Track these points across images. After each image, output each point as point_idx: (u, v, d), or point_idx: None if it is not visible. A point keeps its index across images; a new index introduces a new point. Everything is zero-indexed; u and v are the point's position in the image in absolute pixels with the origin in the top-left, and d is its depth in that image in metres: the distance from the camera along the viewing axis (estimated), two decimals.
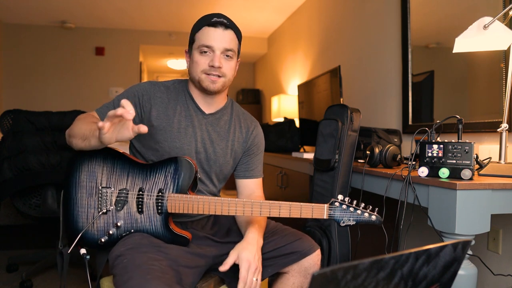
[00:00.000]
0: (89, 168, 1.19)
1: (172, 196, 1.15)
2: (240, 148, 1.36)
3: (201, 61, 1.22)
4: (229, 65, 1.24)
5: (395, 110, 2.38)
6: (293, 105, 4.10)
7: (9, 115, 2.28)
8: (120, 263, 1.04)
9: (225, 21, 1.21)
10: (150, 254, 1.06)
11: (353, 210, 1.13)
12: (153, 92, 1.26)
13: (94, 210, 1.17)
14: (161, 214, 1.16)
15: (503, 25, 1.29)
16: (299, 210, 1.13)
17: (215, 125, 1.32)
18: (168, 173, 1.17)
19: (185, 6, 4.30)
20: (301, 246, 1.25)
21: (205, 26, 1.21)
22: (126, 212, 1.17)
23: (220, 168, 1.33)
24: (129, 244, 1.10)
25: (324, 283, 0.52)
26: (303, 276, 1.25)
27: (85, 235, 1.18)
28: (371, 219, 1.13)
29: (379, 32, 2.57)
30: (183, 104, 1.29)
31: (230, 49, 1.22)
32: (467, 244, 0.69)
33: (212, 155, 1.30)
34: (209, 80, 1.22)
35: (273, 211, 1.14)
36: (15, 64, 4.93)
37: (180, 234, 1.18)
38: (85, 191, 1.18)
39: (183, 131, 1.26)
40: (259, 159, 1.42)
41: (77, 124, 1.17)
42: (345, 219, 1.13)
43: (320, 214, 1.13)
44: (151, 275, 0.97)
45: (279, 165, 2.84)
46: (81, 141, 1.12)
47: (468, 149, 1.16)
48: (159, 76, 7.73)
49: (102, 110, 1.25)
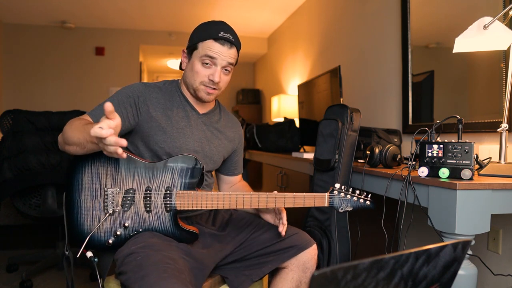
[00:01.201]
0: (92, 170, 1.18)
1: (181, 193, 1.17)
2: (229, 146, 1.42)
3: (201, 72, 1.24)
4: (226, 79, 1.29)
5: (395, 110, 2.38)
6: (293, 105, 4.10)
7: (9, 115, 2.29)
8: (133, 261, 1.04)
9: (231, 38, 1.23)
10: (164, 253, 1.07)
11: (350, 197, 1.25)
12: (148, 93, 1.27)
13: (99, 212, 1.17)
14: (170, 212, 1.18)
15: (503, 25, 1.29)
16: (302, 200, 1.22)
17: (208, 124, 1.36)
18: (175, 171, 1.18)
19: (185, 6, 4.30)
20: (299, 240, 1.30)
21: (211, 39, 1.22)
22: (134, 212, 1.17)
23: (214, 164, 1.38)
24: (140, 242, 1.11)
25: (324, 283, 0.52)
26: (301, 270, 1.30)
27: (92, 238, 1.17)
28: (366, 204, 1.27)
29: (379, 32, 2.57)
30: (179, 104, 1.31)
31: (231, 63, 1.26)
32: (467, 244, 0.69)
33: (209, 153, 1.34)
34: (205, 92, 1.27)
35: (278, 202, 1.21)
36: (15, 64, 4.93)
37: (189, 230, 1.20)
38: (89, 193, 1.17)
39: (181, 131, 1.28)
40: (242, 156, 1.53)
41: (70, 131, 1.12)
42: (343, 205, 1.25)
43: (321, 202, 1.25)
44: (167, 274, 0.98)
45: (279, 165, 2.84)
46: (80, 149, 1.10)
47: (468, 149, 1.16)
48: (159, 76, 7.73)
49: (95, 113, 1.22)
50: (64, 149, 1.19)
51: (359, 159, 1.86)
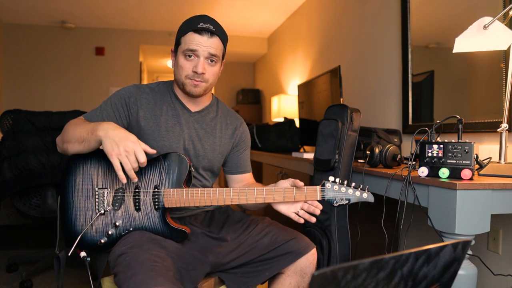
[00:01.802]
0: (84, 171, 1.20)
1: (169, 191, 1.17)
2: (227, 144, 1.40)
3: (185, 65, 1.24)
4: (212, 70, 1.26)
5: (395, 110, 2.38)
6: (293, 105, 4.10)
7: (9, 115, 2.28)
8: (122, 261, 1.05)
9: (211, 27, 1.22)
10: (153, 251, 1.07)
11: (345, 189, 1.17)
12: (138, 94, 1.29)
13: (91, 212, 1.18)
14: (158, 210, 1.18)
15: (503, 25, 1.29)
16: (292, 194, 1.17)
17: (201, 122, 1.35)
18: (163, 169, 1.19)
19: (185, 6, 4.30)
20: (296, 246, 1.25)
21: (191, 31, 1.22)
22: (124, 211, 1.18)
23: (209, 163, 1.36)
24: (130, 242, 1.11)
25: (324, 283, 0.52)
26: (299, 275, 1.26)
27: (84, 238, 1.18)
28: (363, 197, 1.17)
29: (379, 32, 2.57)
30: (169, 103, 1.32)
31: (214, 54, 1.24)
32: (467, 244, 0.69)
33: (201, 151, 1.33)
34: (191, 84, 1.25)
35: (267, 197, 1.17)
36: (15, 64, 4.93)
37: (179, 229, 1.19)
38: (82, 194, 1.19)
39: (170, 130, 1.29)
40: (247, 154, 1.48)
41: (68, 130, 1.19)
42: (338, 199, 1.17)
43: (313, 196, 1.17)
44: (155, 272, 0.98)
45: (279, 165, 2.84)
46: (77, 145, 1.15)
47: (468, 149, 1.16)
48: (159, 76, 7.73)
49: (90, 116, 1.27)
50: (63, 149, 1.21)
51: (359, 159, 1.86)
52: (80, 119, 1.25)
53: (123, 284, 0.98)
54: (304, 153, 2.41)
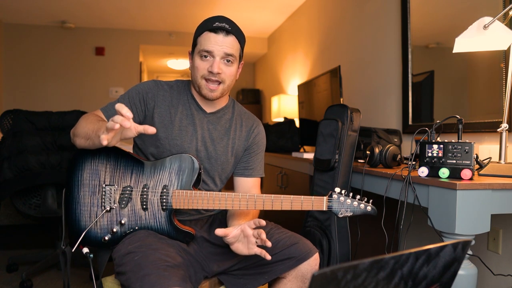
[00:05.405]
0: (92, 167, 1.19)
1: (177, 192, 1.17)
2: (241, 147, 1.37)
3: (200, 66, 1.22)
4: (229, 70, 1.23)
5: (395, 110, 2.37)
6: (293, 105, 4.10)
7: (9, 115, 2.28)
8: (131, 261, 1.04)
9: (227, 26, 1.20)
10: (162, 251, 1.07)
11: (350, 201, 1.19)
12: (156, 90, 1.28)
13: (97, 208, 1.18)
14: (166, 211, 1.17)
15: (503, 25, 1.29)
16: (300, 203, 1.17)
17: (216, 123, 1.33)
18: (172, 170, 1.18)
19: (185, 6, 4.30)
20: (298, 252, 1.22)
21: (207, 31, 1.21)
22: (130, 209, 1.17)
23: (222, 166, 1.33)
24: (137, 241, 1.11)
25: (324, 283, 0.52)
26: (300, 281, 1.23)
27: (88, 234, 1.18)
28: (367, 210, 1.20)
29: (379, 32, 2.57)
30: (185, 103, 1.30)
31: (230, 54, 1.21)
32: (467, 244, 0.69)
33: (213, 153, 1.31)
34: (207, 89, 1.23)
35: (275, 204, 1.17)
36: (16, 64, 4.93)
37: (185, 230, 1.19)
38: (88, 189, 1.19)
39: (184, 130, 1.27)
40: (259, 158, 1.41)
41: (81, 123, 1.18)
42: (343, 210, 1.19)
43: (319, 206, 1.18)
44: (168, 272, 0.98)
45: (279, 165, 2.84)
46: (84, 140, 1.13)
47: (468, 149, 1.16)
48: (159, 76, 7.73)
49: (107, 108, 1.26)
50: (73, 142, 1.20)
51: (359, 159, 1.86)
52: (94, 114, 1.24)
53: (134, 283, 0.98)
54: (304, 153, 2.41)
